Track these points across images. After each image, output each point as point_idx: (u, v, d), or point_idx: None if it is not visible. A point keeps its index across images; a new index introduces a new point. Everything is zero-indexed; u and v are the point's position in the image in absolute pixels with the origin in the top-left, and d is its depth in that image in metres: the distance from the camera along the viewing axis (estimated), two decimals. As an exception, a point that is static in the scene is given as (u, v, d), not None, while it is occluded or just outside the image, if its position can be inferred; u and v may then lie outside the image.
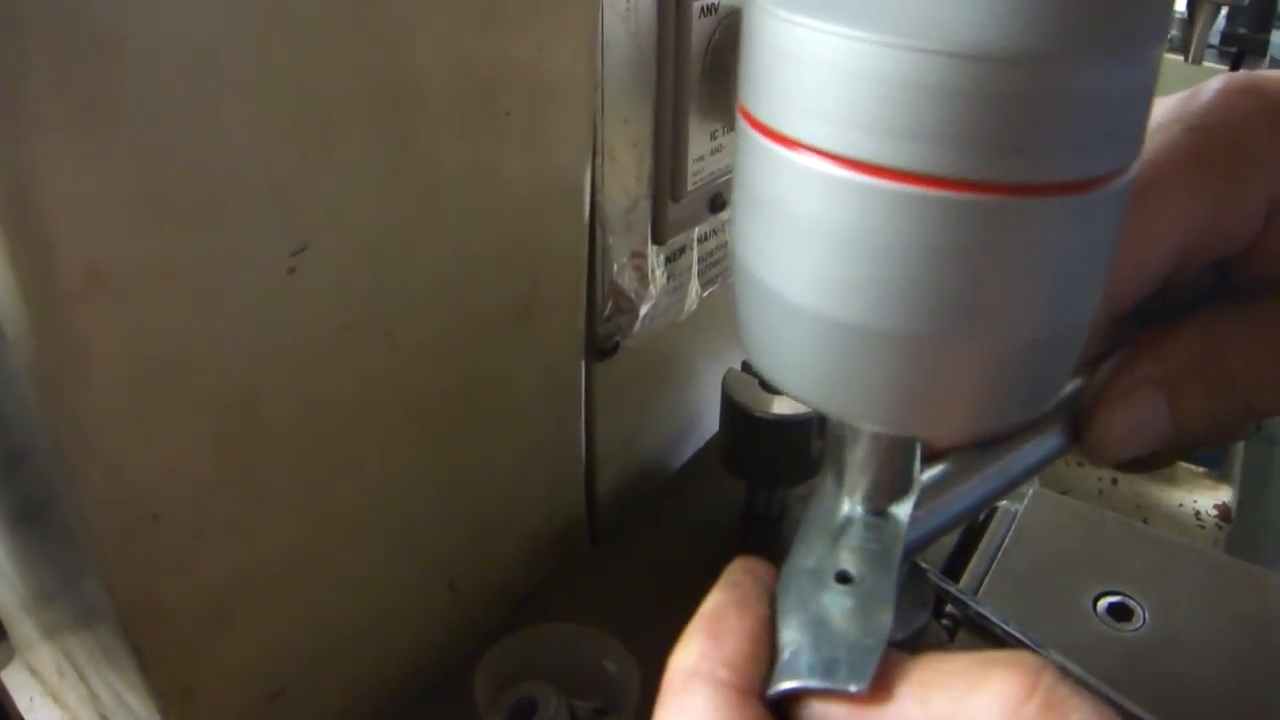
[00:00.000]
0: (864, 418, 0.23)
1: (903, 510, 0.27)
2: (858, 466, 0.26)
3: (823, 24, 0.19)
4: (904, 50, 0.18)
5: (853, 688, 0.22)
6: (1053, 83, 0.18)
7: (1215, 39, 1.50)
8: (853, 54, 0.19)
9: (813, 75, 0.20)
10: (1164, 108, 0.28)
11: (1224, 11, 1.41)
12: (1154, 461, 0.30)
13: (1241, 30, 1.54)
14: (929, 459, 0.29)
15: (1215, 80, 0.28)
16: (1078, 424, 0.30)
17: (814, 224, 0.21)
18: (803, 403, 0.24)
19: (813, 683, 0.23)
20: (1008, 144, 0.19)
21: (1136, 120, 0.20)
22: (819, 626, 0.24)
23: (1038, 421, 0.29)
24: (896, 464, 0.26)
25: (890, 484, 0.27)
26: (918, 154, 0.19)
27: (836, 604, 0.25)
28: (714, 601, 0.25)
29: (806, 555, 0.27)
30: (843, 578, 0.25)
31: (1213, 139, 0.27)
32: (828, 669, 0.23)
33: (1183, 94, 0.29)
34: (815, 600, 0.25)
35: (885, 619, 0.24)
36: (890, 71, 0.18)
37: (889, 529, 0.27)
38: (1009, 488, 0.29)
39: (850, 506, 0.27)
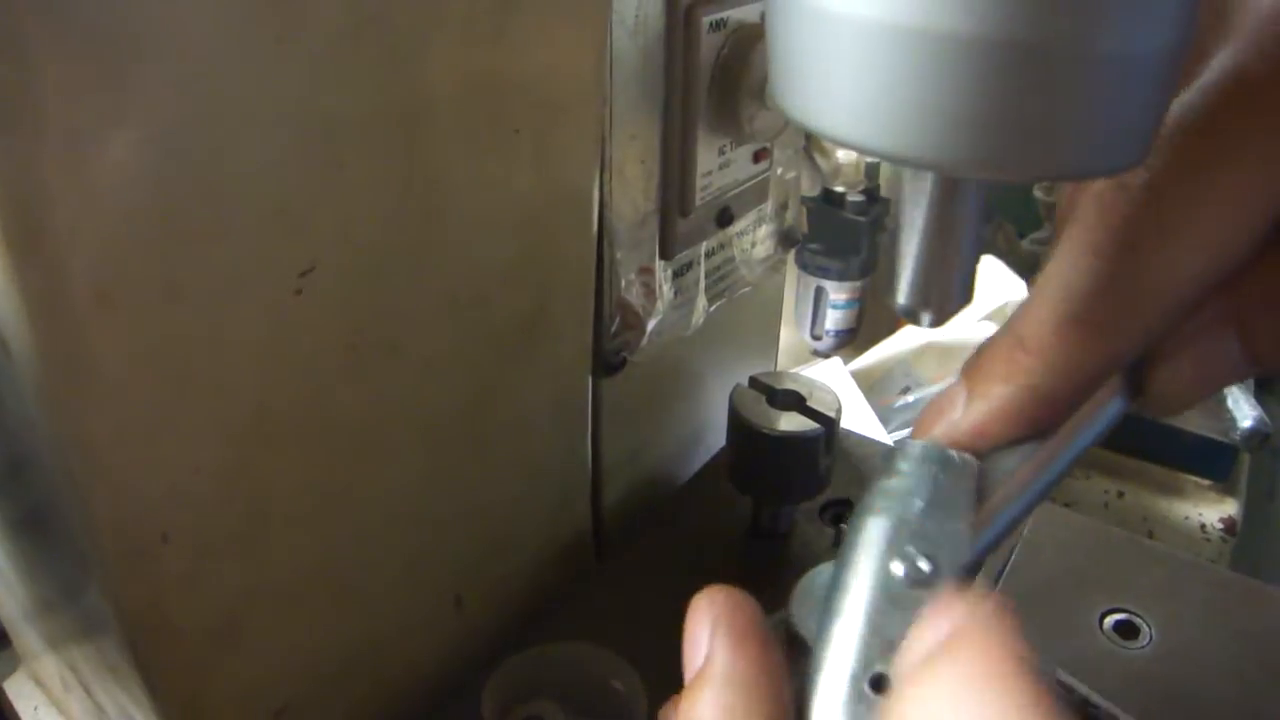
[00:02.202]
0: (926, 150, 0.20)
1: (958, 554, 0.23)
2: (903, 256, 0.23)
3: None
4: None
5: None
6: None
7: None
8: None
9: None
10: (1244, 26, 0.23)
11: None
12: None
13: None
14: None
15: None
16: (1137, 378, 0.26)
17: None
18: (865, 149, 0.20)
19: None
20: None
21: None
22: None
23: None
24: (948, 243, 0.23)
25: (937, 268, 0.23)
26: None
27: None
28: (731, 668, 0.23)
29: (843, 647, 0.23)
30: (878, 684, 0.22)
31: None
32: None
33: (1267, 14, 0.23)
34: (848, 714, 0.22)
35: None
36: None
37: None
38: (1073, 463, 0.26)
39: (895, 568, 0.23)
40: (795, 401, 0.53)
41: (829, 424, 0.52)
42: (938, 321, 0.24)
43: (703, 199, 0.53)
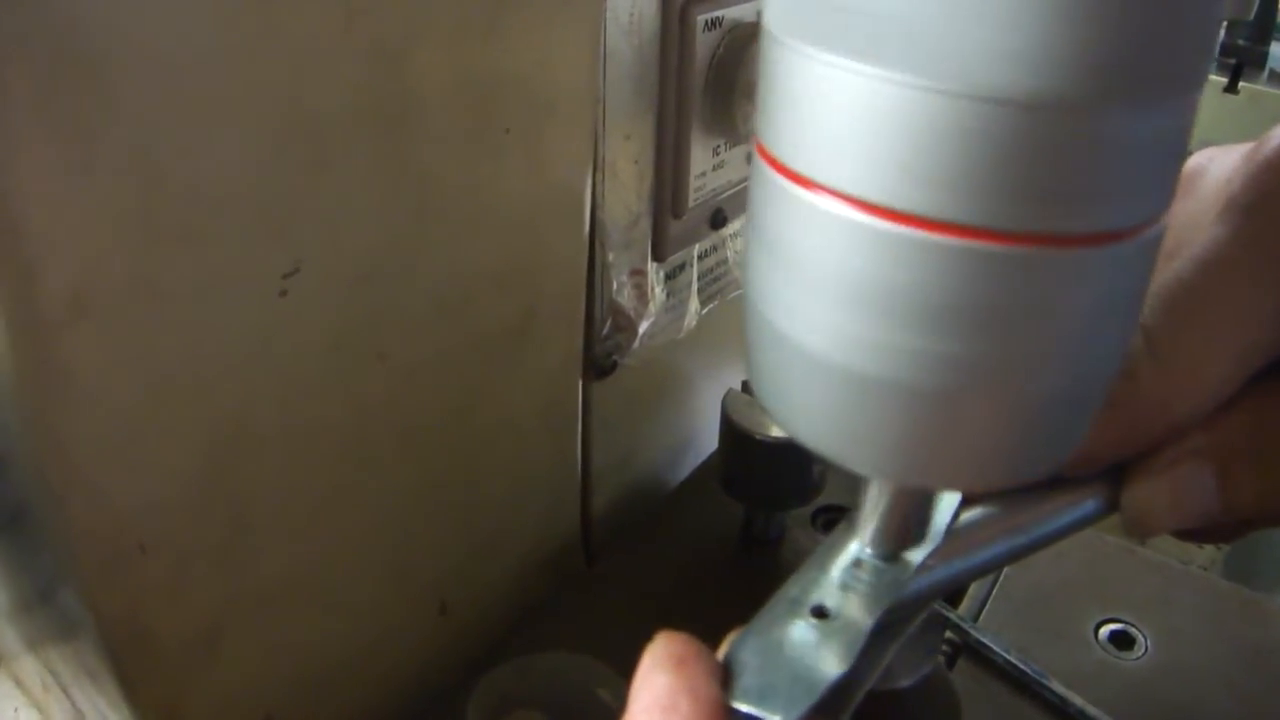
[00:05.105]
0: (874, 469, 0.22)
1: (914, 556, 0.26)
2: (867, 510, 0.26)
3: (849, 63, 0.18)
4: (931, 93, 0.17)
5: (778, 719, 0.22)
6: (1083, 130, 0.17)
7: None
8: (878, 95, 0.18)
9: (835, 115, 0.19)
10: (1208, 194, 0.27)
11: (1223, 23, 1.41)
12: (1210, 534, 0.29)
13: (1240, 41, 1.54)
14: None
15: (1263, 157, 0.26)
16: (1118, 492, 0.28)
17: (830, 270, 0.20)
18: (812, 451, 0.23)
19: (742, 706, 0.22)
20: (1034, 192, 0.18)
21: (1170, 169, 0.19)
22: (772, 652, 0.23)
23: (1076, 483, 0.28)
24: (908, 513, 0.26)
25: (900, 532, 0.26)
26: (941, 200, 0.18)
27: (800, 635, 0.24)
28: (662, 685, 0.23)
29: (795, 584, 0.26)
30: (819, 612, 0.25)
31: (1271, 222, 0.25)
32: (762, 695, 0.22)
33: (1225, 178, 0.27)
34: (782, 627, 0.24)
35: (844, 660, 0.23)
36: (916, 114, 0.18)
37: (893, 574, 0.26)
38: (1034, 548, 0.28)
39: (860, 546, 0.26)
40: (789, 406, 0.52)
41: (823, 430, 0.51)
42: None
43: (696, 200, 0.52)
